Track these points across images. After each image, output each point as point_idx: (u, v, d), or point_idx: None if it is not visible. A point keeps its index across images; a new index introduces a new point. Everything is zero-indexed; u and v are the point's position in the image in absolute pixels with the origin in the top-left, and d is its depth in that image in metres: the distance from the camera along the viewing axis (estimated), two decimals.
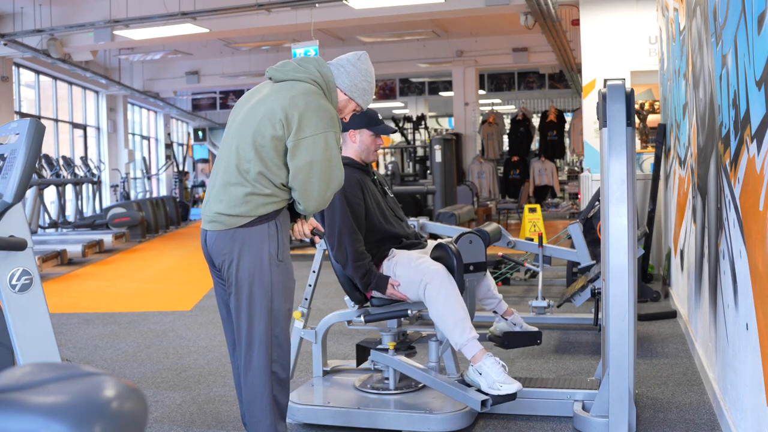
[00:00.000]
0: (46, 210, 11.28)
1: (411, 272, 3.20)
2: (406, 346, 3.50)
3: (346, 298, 3.45)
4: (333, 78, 2.67)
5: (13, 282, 2.22)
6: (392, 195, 3.60)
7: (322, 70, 2.65)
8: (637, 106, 8.71)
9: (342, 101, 2.73)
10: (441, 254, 3.25)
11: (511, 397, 3.01)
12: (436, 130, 20.70)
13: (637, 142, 8.12)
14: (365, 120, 3.35)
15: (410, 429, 3.13)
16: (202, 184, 23.50)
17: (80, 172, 12.63)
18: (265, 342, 2.57)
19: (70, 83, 14.91)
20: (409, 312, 3.33)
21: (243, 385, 2.63)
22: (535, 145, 16.06)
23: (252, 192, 2.52)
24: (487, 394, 3.00)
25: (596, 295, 4.28)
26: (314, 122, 2.50)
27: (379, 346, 3.46)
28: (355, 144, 3.39)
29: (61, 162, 11.87)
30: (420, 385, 3.45)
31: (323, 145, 2.50)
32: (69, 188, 12.42)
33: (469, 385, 3.10)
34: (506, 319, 3.61)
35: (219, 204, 2.57)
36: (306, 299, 3.78)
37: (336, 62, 2.72)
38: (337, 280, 3.44)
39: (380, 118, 3.41)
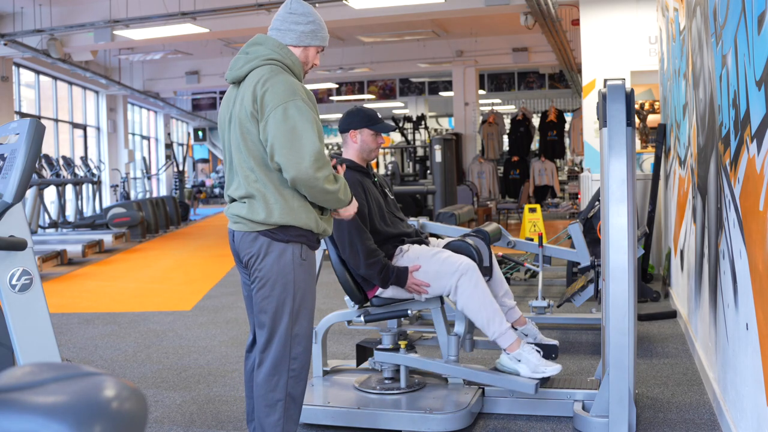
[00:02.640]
0: (46, 210, 11.27)
1: (440, 265, 3.21)
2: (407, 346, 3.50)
3: (346, 298, 3.45)
4: (280, 42, 2.63)
5: (13, 282, 2.22)
6: (393, 197, 3.60)
7: (268, 44, 2.62)
8: (637, 106, 8.71)
9: (300, 54, 2.68)
10: (458, 249, 3.30)
11: (548, 379, 3.23)
12: (436, 130, 20.70)
13: (637, 142, 8.12)
14: (365, 120, 3.34)
15: (410, 429, 3.13)
16: (202, 185, 23.51)
17: (80, 172, 12.63)
18: (284, 340, 2.57)
19: (70, 83, 14.91)
20: (409, 312, 3.33)
21: (255, 380, 2.63)
22: (535, 145, 16.06)
23: (262, 198, 2.53)
24: (530, 378, 3.16)
25: (595, 268, 4.32)
26: (271, 97, 2.49)
27: (380, 346, 3.46)
28: (357, 144, 3.38)
29: (61, 162, 11.87)
30: (420, 386, 3.45)
31: (282, 116, 2.46)
32: (69, 188, 12.42)
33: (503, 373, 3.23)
34: (516, 329, 3.56)
35: (238, 207, 2.59)
36: None
37: (272, 27, 2.67)
38: (337, 280, 3.44)
39: (380, 116, 3.41)
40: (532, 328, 3.57)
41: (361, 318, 3.35)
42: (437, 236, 4.32)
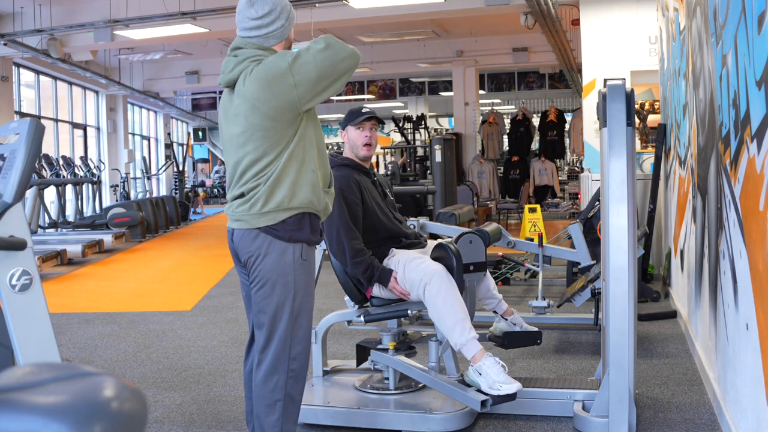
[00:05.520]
0: (46, 210, 11.27)
1: (411, 272, 3.21)
2: (406, 346, 3.50)
3: (346, 298, 3.45)
4: (265, 46, 2.61)
5: (13, 282, 2.22)
6: (392, 197, 3.62)
7: (247, 49, 2.60)
8: (637, 106, 8.71)
9: (283, 45, 2.66)
10: (441, 254, 3.25)
11: (511, 397, 3.01)
12: (436, 130, 20.69)
13: (637, 142, 8.12)
14: (346, 119, 3.44)
15: (410, 429, 3.13)
16: (202, 184, 23.50)
17: (80, 172, 12.63)
18: (284, 340, 2.57)
19: (70, 83, 14.91)
20: (409, 312, 3.33)
21: (254, 380, 2.63)
22: (535, 145, 16.06)
23: (266, 187, 2.52)
24: (487, 394, 3.00)
25: (596, 295, 4.28)
26: (275, 59, 2.50)
27: (379, 346, 3.47)
28: (348, 143, 3.46)
29: (61, 162, 11.87)
30: (420, 385, 3.45)
31: (292, 56, 2.48)
32: (69, 188, 12.42)
33: (469, 386, 3.10)
34: (506, 319, 3.62)
35: (239, 204, 2.59)
36: None
37: (249, 35, 2.61)
38: (337, 280, 3.44)
39: (362, 111, 3.43)
40: (519, 317, 3.66)
41: (361, 318, 3.35)
42: (437, 237, 4.32)
